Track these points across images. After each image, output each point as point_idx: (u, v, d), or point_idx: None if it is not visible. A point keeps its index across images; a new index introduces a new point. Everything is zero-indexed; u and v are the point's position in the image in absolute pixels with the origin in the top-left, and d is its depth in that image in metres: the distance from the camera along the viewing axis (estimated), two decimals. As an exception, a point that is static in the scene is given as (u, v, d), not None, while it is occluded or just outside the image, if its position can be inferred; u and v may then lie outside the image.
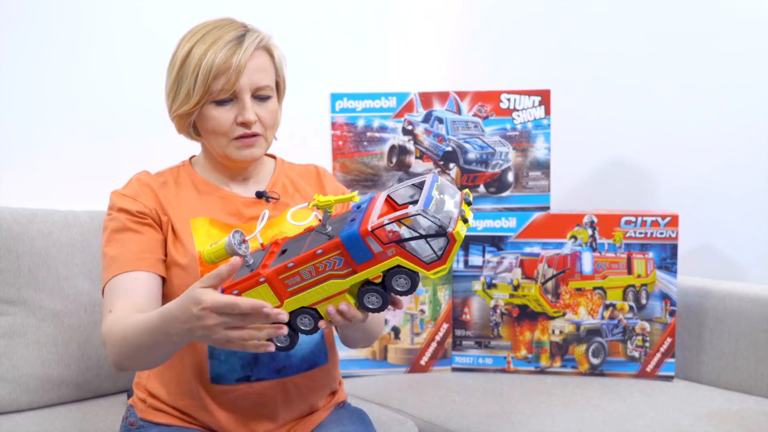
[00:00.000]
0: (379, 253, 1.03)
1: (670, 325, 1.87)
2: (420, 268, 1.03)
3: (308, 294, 1.06)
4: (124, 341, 1.18)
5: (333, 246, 1.03)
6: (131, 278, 1.27)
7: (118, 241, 1.30)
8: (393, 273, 1.04)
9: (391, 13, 2.55)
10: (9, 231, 1.63)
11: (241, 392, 1.32)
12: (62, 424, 1.57)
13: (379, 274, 1.05)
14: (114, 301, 1.25)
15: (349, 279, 1.05)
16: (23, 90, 1.89)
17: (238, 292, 1.05)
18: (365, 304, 1.07)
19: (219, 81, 1.27)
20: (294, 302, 1.06)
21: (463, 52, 2.60)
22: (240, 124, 1.29)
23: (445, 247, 1.02)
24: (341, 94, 1.93)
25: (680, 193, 2.09)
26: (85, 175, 1.95)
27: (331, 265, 1.04)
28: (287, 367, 1.34)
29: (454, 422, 1.64)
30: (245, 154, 1.32)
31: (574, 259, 1.89)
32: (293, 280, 1.05)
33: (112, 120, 2.01)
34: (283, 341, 1.08)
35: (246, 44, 1.28)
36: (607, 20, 2.25)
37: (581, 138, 2.27)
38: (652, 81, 2.16)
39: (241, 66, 1.26)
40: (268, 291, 1.05)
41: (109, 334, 1.21)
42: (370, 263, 1.04)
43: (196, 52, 1.27)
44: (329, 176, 1.49)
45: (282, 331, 1.06)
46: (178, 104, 1.30)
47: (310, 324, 1.08)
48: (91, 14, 1.97)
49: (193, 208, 1.34)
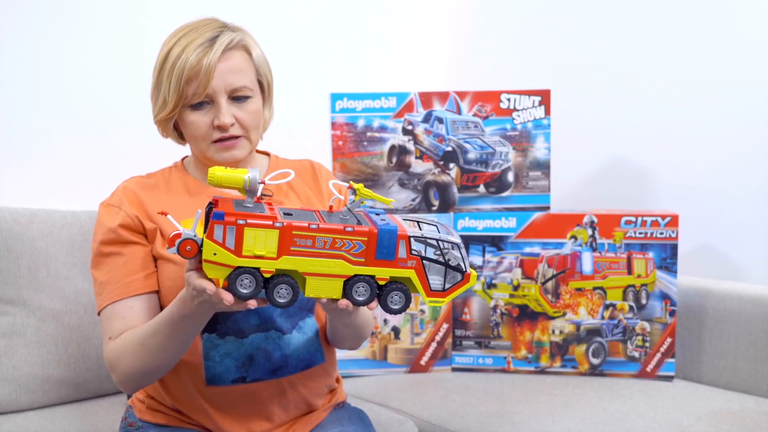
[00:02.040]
0: (400, 260, 1.06)
1: (670, 325, 1.87)
2: (423, 290, 1.08)
3: (309, 261, 1.05)
4: (143, 348, 1.21)
5: (365, 232, 1.05)
6: (126, 306, 1.28)
7: (106, 265, 1.30)
8: (392, 288, 1.07)
9: (391, 13, 2.55)
10: (9, 231, 1.63)
11: (238, 393, 1.32)
12: (62, 424, 1.57)
13: (387, 277, 1.07)
14: (113, 329, 1.27)
15: (357, 267, 1.06)
16: (23, 90, 1.89)
17: (244, 224, 1.03)
18: (352, 294, 1.07)
19: (191, 85, 1.25)
20: (292, 261, 1.05)
21: (463, 52, 2.60)
22: (216, 128, 1.28)
23: (454, 284, 1.08)
24: (341, 94, 1.93)
25: (680, 193, 2.10)
26: (85, 175, 1.95)
27: (349, 246, 1.05)
28: (283, 367, 1.34)
29: (454, 422, 1.64)
30: (225, 157, 1.30)
31: (574, 259, 1.89)
32: (303, 242, 1.04)
33: (112, 120, 2.01)
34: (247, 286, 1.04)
35: (217, 45, 1.25)
36: (607, 20, 2.25)
37: (581, 138, 2.27)
38: (652, 81, 2.16)
39: (211, 68, 1.24)
40: (272, 238, 1.03)
41: (120, 351, 1.24)
42: (387, 264, 1.06)
43: (172, 55, 1.26)
44: (324, 170, 1.47)
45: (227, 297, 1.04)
46: (157, 110, 1.30)
47: (287, 295, 1.06)
48: (90, 15, 1.97)
49: (184, 209, 1.32)
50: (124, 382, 1.26)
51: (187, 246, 1.05)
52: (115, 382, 1.27)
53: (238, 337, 1.31)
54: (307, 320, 1.37)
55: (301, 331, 1.36)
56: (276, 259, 1.04)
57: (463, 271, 1.08)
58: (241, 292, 1.04)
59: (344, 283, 1.06)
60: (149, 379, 1.26)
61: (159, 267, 1.31)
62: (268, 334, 1.32)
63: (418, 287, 1.08)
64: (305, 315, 1.37)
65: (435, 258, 1.07)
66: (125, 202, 1.32)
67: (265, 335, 1.32)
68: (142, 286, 1.29)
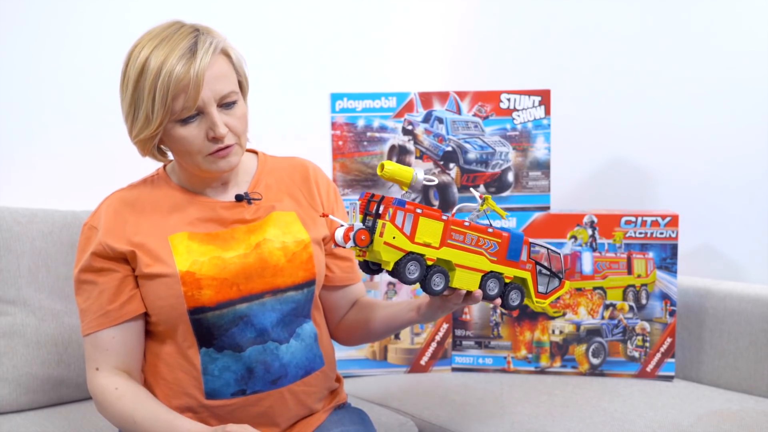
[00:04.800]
0: (522, 261, 1.25)
1: (670, 325, 1.87)
2: (534, 290, 1.28)
3: (460, 254, 1.20)
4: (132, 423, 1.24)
5: (500, 234, 1.23)
6: (108, 336, 1.29)
7: (84, 292, 1.30)
8: (512, 287, 1.26)
9: (391, 13, 2.55)
10: (9, 231, 1.63)
11: (238, 405, 1.31)
12: (62, 424, 1.57)
13: (512, 276, 1.25)
14: (97, 359, 1.29)
15: (492, 264, 1.23)
16: (23, 90, 1.89)
17: (421, 213, 1.16)
18: (486, 288, 1.23)
19: (179, 100, 1.20)
20: (449, 253, 1.19)
21: (463, 52, 2.60)
22: (211, 140, 1.24)
23: (554, 289, 1.30)
24: (341, 94, 1.93)
25: (680, 193, 2.09)
26: (85, 175, 1.95)
27: (488, 245, 1.22)
28: (283, 377, 1.32)
29: (454, 422, 1.64)
30: (221, 166, 1.26)
31: (574, 259, 1.89)
32: (458, 236, 1.19)
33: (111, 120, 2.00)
34: (412, 272, 1.17)
35: (200, 54, 1.20)
36: (606, 21, 2.25)
37: (581, 138, 2.27)
38: (652, 81, 2.16)
39: (200, 79, 1.19)
40: (438, 230, 1.17)
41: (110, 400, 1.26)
42: (512, 264, 1.25)
43: (149, 69, 1.19)
44: (320, 175, 1.44)
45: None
46: (138, 129, 1.23)
47: (440, 283, 1.19)
48: (90, 15, 1.97)
49: (170, 224, 1.30)
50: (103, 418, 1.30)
51: (362, 235, 1.14)
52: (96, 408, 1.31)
53: (236, 351, 1.29)
54: (305, 326, 1.36)
55: (298, 338, 1.34)
56: (438, 248, 1.18)
57: (561, 278, 1.30)
58: (408, 278, 1.16)
59: (481, 278, 1.22)
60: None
61: (145, 287, 1.28)
62: (265, 346, 1.30)
63: (530, 288, 1.27)
64: (302, 321, 1.35)
65: (545, 264, 1.28)
66: (101, 226, 1.28)
67: (263, 347, 1.30)
68: (119, 316, 1.28)
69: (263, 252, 1.30)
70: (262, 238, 1.32)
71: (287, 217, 1.36)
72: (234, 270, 1.28)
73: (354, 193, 1.94)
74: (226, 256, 1.29)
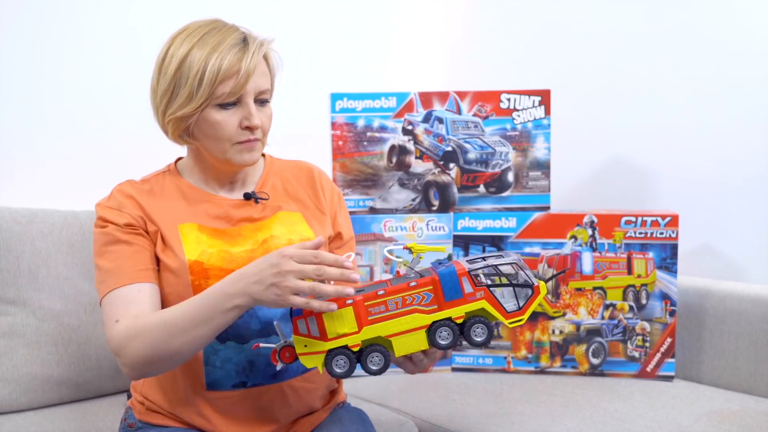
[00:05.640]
0: (468, 294, 1.12)
1: (670, 325, 1.87)
2: (501, 315, 1.13)
3: (388, 324, 1.13)
4: (164, 328, 1.16)
5: (428, 281, 1.12)
6: (134, 289, 1.25)
7: (113, 253, 1.28)
8: (472, 322, 1.13)
9: (391, 13, 2.55)
10: (9, 231, 1.63)
11: (238, 398, 1.31)
12: (62, 424, 1.57)
13: (462, 314, 1.13)
14: (120, 311, 1.23)
15: (432, 315, 1.12)
16: (23, 90, 1.89)
17: None
18: (437, 340, 1.13)
19: (225, 85, 1.24)
20: (373, 330, 1.13)
21: (463, 52, 2.60)
22: (245, 129, 1.28)
23: (528, 299, 1.13)
24: (341, 94, 1.93)
25: (680, 193, 2.09)
26: (85, 175, 1.95)
27: (419, 299, 1.12)
28: (283, 371, 1.33)
29: (454, 422, 1.64)
30: (246, 158, 1.30)
31: (574, 259, 1.89)
32: (378, 309, 1.13)
33: (111, 120, 2.01)
34: (342, 366, 1.14)
35: (252, 49, 1.26)
36: (606, 21, 2.25)
37: (581, 138, 2.27)
38: (652, 81, 2.16)
39: (250, 71, 1.24)
40: (350, 316, 1.12)
41: (134, 331, 1.19)
42: (458, 302, 1.12)
43: (196, 54, 1.24)
44: (325, 179, 1.46)
45: (349, 290, 1.09)
46: (176, 107, 1.26)
47: (379, 362, 1.14)
48: (90, 15, 1.97)
49: (180, 214, 1.32)
50: (133, 366, 1.20)
51: (286, 353, 1.17)
52: (123, 364, 1.21)
53: (239, 342, 1.30)
54: None
55: None
56: (358, 332, 1.12)
57: (531, 285, 1.14)
58: (338, 372, 1.13)
59: (426, 332, 1.13)
60: (159, 366, 1.21)
61: None
62: (269, 339, 1.31)
63: (495, 313, 1.13)
64: None
65: (506, 280, 1.13)
66: (126, 204, 1.31)
67: (266, 340, 1.31)
68: (151, 276, 1.27)
69: (270, 248, 1.32)
70: (269, 235, 1.34)
71: (293, 217, 1.38)
72: (241, 263, 1.29)
73: (354, 193, 1.94)
74: (233, 250, 1.31)
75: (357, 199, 1.94)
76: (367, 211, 1.95)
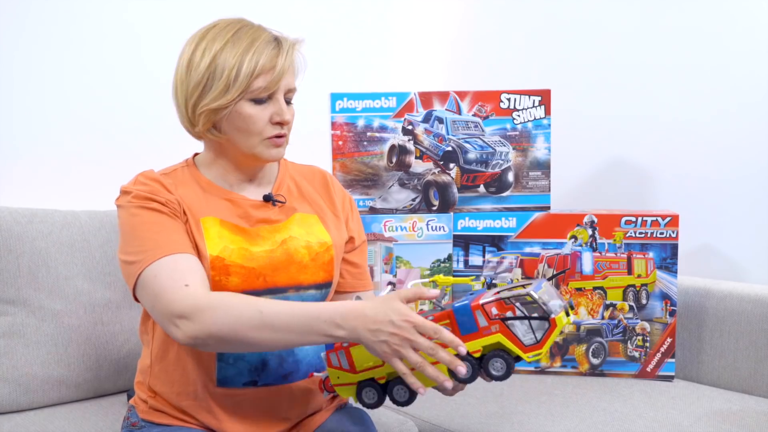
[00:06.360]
0: (483, 328, 1.11)
1: (670, 325, 1.87)
2: (518, 349, 1.11)
3: None
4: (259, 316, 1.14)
5: (444, 315, 1.13)
6: (189, 261, 1.22)
7: (158, 224, 1.24)
8: (491, 356, 1.12)
9: (391, 13, 2.55)
10: (9, 231, 1.63)
11: (247, 396, 1.32)
12: (62, 424, 1.57)
13: (480, 348, 1.12)
14: (185, 277, 1.18)
15: (450, 348, 1.11)
16: (23, 90, 1.89)
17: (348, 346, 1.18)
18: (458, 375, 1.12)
19: (261, 80, 1.26)
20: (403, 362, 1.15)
21: (463, 52, 2.60)
22: (276, 124, 1.29)
23: (545, 332, 1.10)
24: (341, 94, 1.93)
25: (680, 193, 2.10)
26: (85, 175, 1.95)
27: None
28: (294, 372, 1.34)
29: (454, 422, 1.64)
30: (273, 154, 1.31)
31: (574, 259, 1.89)
32: None
33: (111, 120, 2.01)
34: (371, 397, 1.20)
35: (286, 47, 1.29)
36: (607, 20, 2.25)
37: (581, 138, 2.27)
38: (652, 81, 2.16)
39: (285, 68, 1.28)
40: None
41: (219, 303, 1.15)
42: (474, 336, 1.12)
43: (231, 49, 1.25)
44: (336, 184, 1.49)
45: (461, 369, 1.10)
46: (210, 99, 1.26)
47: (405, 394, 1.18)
48: (91, 15, 1.97)
49: (202, 207, 1.32)
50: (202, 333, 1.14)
51: (330, 382, 1.22)
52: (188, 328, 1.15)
53: None
54: None
55: None
56: (382, 365, 1.17)
57: (547, 317, 1.10)
58: (368, 403, 1.20)
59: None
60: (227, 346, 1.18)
61: None
62: None
63: (512, 347, 1.11)
64: None
65: (521, 314, 1.11)
66: (157, 187, 1.29)
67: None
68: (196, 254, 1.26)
69: (289, 248, 1.33)
70: (288, 236, 1.34)
71: (310, 219, 1.39)
72: (262, 261, 1.30)
73: (354, 193, 1.94)
74: (253, 249, 1.31)
75: (357, 199, 1.94)
76: (367, 211, 1.95)
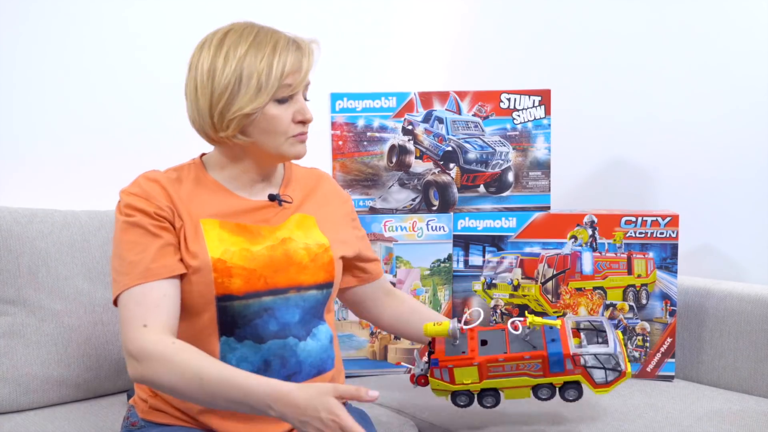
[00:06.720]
0: (569, 370, 1.38)
1: (670, 325, 1.86)
2: (591, 386, 1.40)
3: (503, 381, 1.40)
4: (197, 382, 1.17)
5: (538, 355, 1.37)
6: (158, 292, 1.24)
7: (139, 245, 1.27)
8: (568, 386, 1.40)
9: (391, 13, 2.55)
10: (9, 231, 1.63)
11: None
12: (62, 424, 1.57)
13: (561, 382, 1.40)
14: (146, 315, 1.22)
15: (538, 379, 1.39)
16: (23, 90, 1.89)
17: (453, 367, 1.39)
18: (539, 395, 1.42)
19: (289, 80, 1.29)
20: (491, 383, 1.41)
21: (463, 52, 2.60)
22: (299, 122, 1.33)
23: (615, 378, 1.39)
24: (341, 94, 1.93)
25: (680, 193, 2.09)
26: (85, 175, 1.95)
27: (529, 367, 1.38)
28: (297, 373, 1.34)
29: (454, 422, 1.64)
30: (299, 150, 1.35)
31: (574, 259, 1.89)
32: (496, 369, 1.39)
33: (111, 120, 2.01)
34: (464, 401, 1.43)
35: (305, 48, 1.32)
36: (607, 21, 2.25)
37: (581, 138, 2.27)
38: (652, 81, 2.16)
39: (310, 68, 1.31)
40: (474, 372, 1.39)
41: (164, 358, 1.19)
42: (559, 375, 1.39)
43: (255, 53, 1.27)
44: (339, 189, 1.52)
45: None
46: (242, 103, 1.26)
47: (491, 402, 1.44)
48: (91, 15, 1.97)
49: (203, 208, 1.32)
50: (143, 380, 1.21)
51: (422, 379, 1.44)
52: (135, 369, 1.21)
53: (256, 342, 1.31)
54: (320, 327, 1.39)
55: (315, 338, 1.37)
56: (479, 383, 1.40)
57: (621, 370, 1.39)
58: (460, 405, 1.44)
59: (531, 388, 1.41)
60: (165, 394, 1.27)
61: None
62: (285, 341, 1.32)
63: (586, 384, 1.40)
64: (317, 322, 1.38)
65: (595, 365, 1.38)
66: (153, 194, 1.30)
67: (283, 342, 1.32)
68: (174, 268, 1.27)
69: (288, 249, 1.34)
70: (287, 236, 1.36)
71: (308, 220, 1.41)
72: (262, 262, 1.31)
73: (354, 193, 1.94)
74: (253, 248, 1.32)
75: (357, 199, 1.94)
76: (367, 211, 1.95)
